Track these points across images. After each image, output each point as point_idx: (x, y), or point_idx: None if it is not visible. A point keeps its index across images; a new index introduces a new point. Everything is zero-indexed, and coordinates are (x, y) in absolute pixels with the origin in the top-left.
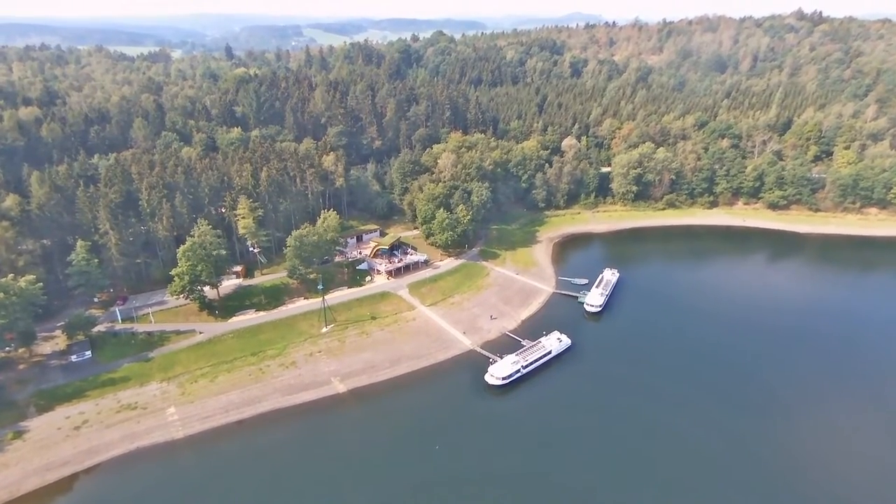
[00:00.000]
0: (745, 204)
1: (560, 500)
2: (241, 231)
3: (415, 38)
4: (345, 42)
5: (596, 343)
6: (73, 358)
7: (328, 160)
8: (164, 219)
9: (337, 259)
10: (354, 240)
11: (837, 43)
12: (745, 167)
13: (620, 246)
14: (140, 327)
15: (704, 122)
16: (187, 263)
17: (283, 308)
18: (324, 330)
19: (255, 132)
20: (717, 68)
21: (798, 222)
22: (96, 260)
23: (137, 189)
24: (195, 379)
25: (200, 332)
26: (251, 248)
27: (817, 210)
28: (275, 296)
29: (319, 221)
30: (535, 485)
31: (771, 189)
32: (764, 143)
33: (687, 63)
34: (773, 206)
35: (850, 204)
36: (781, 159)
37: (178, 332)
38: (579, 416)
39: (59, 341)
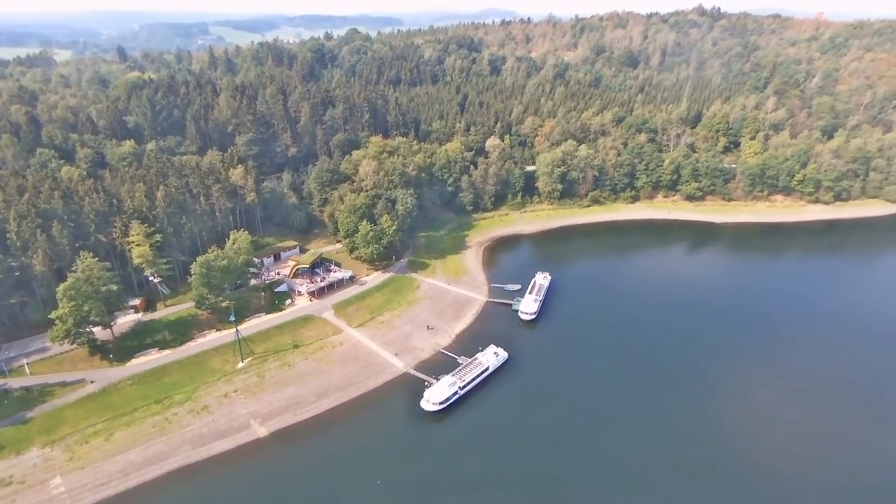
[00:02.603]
0: (665, 197)
1: None
2: (136, 260)
3: (328, 37)
4: (252, 42)
5: (533, 352)
6: None
7: (237, 173)
8: (39, 252)
9: (252, 282)
10: (272, 259)
11: (736, 38)
12: (663, 161)
13: (550, 246)
14: (15, 382)
15: (622, 117)
16: (70, 304)
17: (191, 344)
18: (240, 365)
19: (150, 145)
20: (629, 63)
21: (713, 212)
22: None
23: (4, 219)
24: (86, 439)
25: (92, 382)
26: (150, 278)
27: (730, 200)
28: (181, 330)
29: (229, 243)
30: None
31: (687, 181)
32: (678, 136)
33: (601, 59)
34: (690, 198)
35: (758, 192)
36: (695, 151)
37: (63, 384)
38: (520, 433)
39: None
